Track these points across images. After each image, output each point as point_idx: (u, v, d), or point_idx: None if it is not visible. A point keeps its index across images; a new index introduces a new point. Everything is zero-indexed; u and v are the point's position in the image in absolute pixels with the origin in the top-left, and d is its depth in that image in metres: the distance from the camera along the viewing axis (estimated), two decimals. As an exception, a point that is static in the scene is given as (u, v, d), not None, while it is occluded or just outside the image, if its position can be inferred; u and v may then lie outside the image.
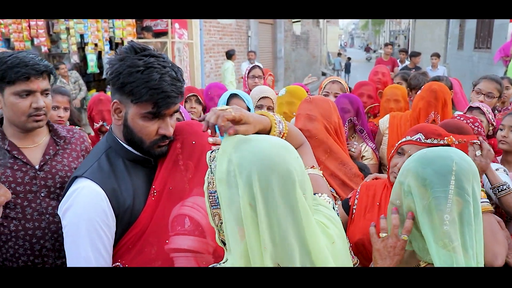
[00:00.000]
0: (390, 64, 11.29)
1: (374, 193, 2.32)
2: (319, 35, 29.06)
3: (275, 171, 1.20)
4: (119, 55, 1.68)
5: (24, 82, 1.97)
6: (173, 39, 9.55)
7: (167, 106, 1.67)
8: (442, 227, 1.46)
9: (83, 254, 1.61)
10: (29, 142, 2.12)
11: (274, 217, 1.20)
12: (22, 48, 9.39)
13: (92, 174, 1.68)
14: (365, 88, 4.39)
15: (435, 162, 1.50)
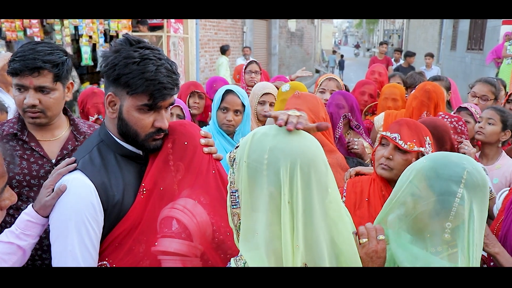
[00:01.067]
0: (385, 63, 11.35)
1: (362, 189, 2.33)
2: (313, 33, 29.08)
3: (314, 167, 1.26)
4: (114, 47, 1.66)
5: (15, 77, 1.97)
6: (168, 33, 9.51)
7: (163, 97, 1.65)
8: (443, 234, 1.46)
9: (69, 248, 1.58)
10: (48, 135, 2.10)
11: (309, 216, 1.24)
12: (14, 39, 9.29)
13: (82, 167, 1.66)
14: (367, 87, 4.43)
15: (447, 168, 1.48)
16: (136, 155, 1.77)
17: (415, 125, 2.24)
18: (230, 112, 2.96)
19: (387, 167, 2.20)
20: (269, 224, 1.25)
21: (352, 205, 2.28)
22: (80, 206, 1.60)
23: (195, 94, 4.03)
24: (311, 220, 1.24)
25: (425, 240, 1.50)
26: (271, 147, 1.27)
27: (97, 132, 1.80)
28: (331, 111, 3.37)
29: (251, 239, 1.28)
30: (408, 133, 2.18)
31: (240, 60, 11.66)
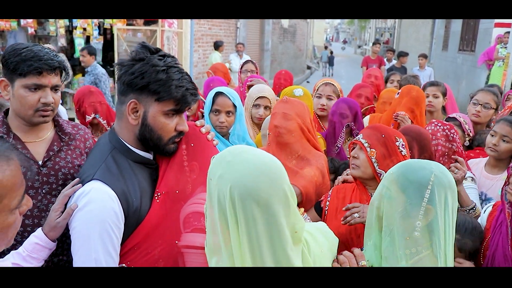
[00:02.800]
0: (377, 63, 11.43)
1: (344, 196, 2.48)
2: (306, 29, 29.08)
3: (256, 202, 1.24)
4: (137, 56, 1.72)
5: (35, 76, 1.94)
6: (163, 27, 9.48)
7: (189, 103, 1.77)
8: (414, 233, 1.54)
9: (94, 256, 1.63)
10: (33, 136, 2.06)
11: (256, 246, 1.25)
12: (8, 28, 9.20)
13: (102, 176, 1.70)
14: (364, 90, 4.49)
15: (416, 173, 1.58)
16: (147, 161, 1.84)
17: (379, 128, 2.43)
18: (222, 113, 2.99)
19: (354, 165, 2.39)
20: (227, 243, 1.28)
21: (334, 210, 2.46)
22: (104, 215, 1.65)
23: None
24: (260, 254, 1.24)
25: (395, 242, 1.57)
26: (220, 175, 1.28)
27: (107, 140, 1.83)
28: (335, 120, 3.42)
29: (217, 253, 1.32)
30: (368, 133, 2.39)
31: (233, 56, 11.63)
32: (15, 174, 1.19)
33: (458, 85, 14.03)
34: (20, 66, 1.92)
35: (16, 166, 1.20)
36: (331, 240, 1.59)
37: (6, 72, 1.97)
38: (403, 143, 2.35)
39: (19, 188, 1.22)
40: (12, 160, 1.19)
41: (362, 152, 2.35)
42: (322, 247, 1.49)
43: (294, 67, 23.08)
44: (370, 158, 2.31)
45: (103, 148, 1.81)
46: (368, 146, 2.33)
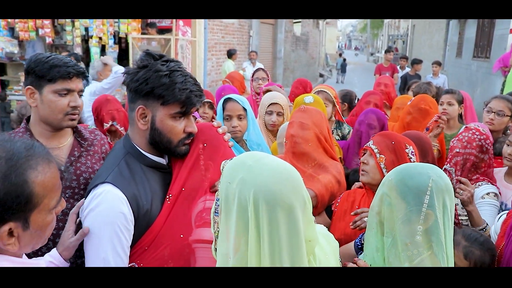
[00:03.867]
0: (390, 70, 11.35)
1: (354, 199, 2.54)
2: (318, 37, 29.13)
3: (280, 206, 1.24)
4: (141, 63, 1.79)
5: (66, 81, 2.04)
6: (176, 36, 9.55)
7: (194, 104, 1.81)
8: (415, 237, 1.57)
9: (102, 255, 1.69)
10: (55, 142, 2.13)
11: (277, 251, 1.25)
12: (27, 38, 9.37)
13: (114, 179, 1.75)
14: (373, 97, 4.51)
15: (413, 178, 1.62)
16: (160, 165, 1.89)
17: (389, 135, 2.46)
18: (234, 118, 3.04)
19: (364, 171, 2.42)
20: (238, 250, 1.28)
21: (343, 212, 2.52)
22: (113, 217, 1.70)
23: (205, 104, 4.08)
24: (279, 260, 1.25)
25: (398, 247, 1.61)
26: (242, 178, 1.28)
27: (121, 145, 1.90)
28: (362, 130, 3.43)
29: (225, 261, 1.32)
30: (378, 140, 2.41)
31: (246, 64, 11.67)
32: (55, 176, 1.26)
33: (473, 92, 13.90)
34: (49, 72, 2.01)
35: (55, 168, 1.26)
36: (333, 244, 1.60)
37: (33, 79, 2.04)
38: (412, 150, 2.37)
39: (57, 189, 1.28)
40: (52, 163, 1.25)
41: (372, 158, 2.39)
42: (326, 252, 1.50)
43: (307, 75, 23.08)
44: (379, 164, 2.34)
45: (118, 153, 1.87)
46: (378, 152, 2.36)
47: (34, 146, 1.24)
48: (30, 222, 1.20)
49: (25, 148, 1.21)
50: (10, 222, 1.16)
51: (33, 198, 1.18)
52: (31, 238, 1.24)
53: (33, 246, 1.29)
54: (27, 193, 1.16)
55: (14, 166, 1.15)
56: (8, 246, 1.18)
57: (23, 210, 1.17)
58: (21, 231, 1.20)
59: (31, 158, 1.20)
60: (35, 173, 1.19)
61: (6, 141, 1.20)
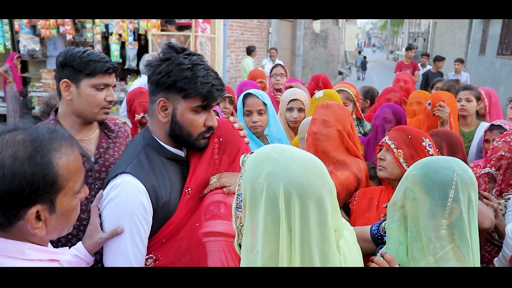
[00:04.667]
0: (411, 68, 11.23)
1: (372, 196, 2.51)
2: (337, 34, 28.96)
3: (310, 198, 1.23)
4: (163, 56, 1.78)
5: (104, 75, 2.08)
6: (196, 33, 9.56)
7: (215, 98, 1.81)
8: (440, 231, 1.57)
9: (122, 246, 1.70)
10: (83, 135, 2.17)
11: (306, 242, 1.23)
12: (48, 36, 9.48)
13: (133, 170, 1.75)
14: (393, 95, 4.42)
15: (438, 172, 1.61)
16: (179, 157, 1.89)
17: (404, 129, 2.46)
18: (254, 113, 3.04)
19: (381, 167, 2.41)
20: (267, 242, 1.26)
21: (362, 209, 2.49)
22: (133, 207, 1.70)
23: (226, 99, 4.06)
24: (309, 251, 1.24)
25: (422, 241, 1.61)
26: (269, 172, 1.26)
27: (141, 137, 1.90)
28: (377, 124, 3.38)
29: (250, 255, 1.31)
30: (394, 134, 2.41)
31: (266, 61, 11.65)
32: (78, 159, 1.28)
33: (496, 90, 13.61)
34: (89, 66, 2.05)
35: (77, 152, 1.28)
36: (351, 231, 1.57)
37: (70, 73, 2.07)
38: (429, 143, 2.35)
39: (81, 173, 1.30)
40: (74, 147, 1.27)
41: (389, 153, 2.38)
42: (348, 242, 1.47)
43: (326, 72, 22.91)
44: (398, 158, 2.33)
45: (137, 145, 1.87)
46: (395, 147, 2.35)
47: (57, 129, 1.26)
48: (56, 205, 1.21)
49: (48, 131, 1.22)
50: (37, 204, 1.17)
51: (58, 180, 1.19)
52: (58, 223, 1.25)
53: (59, 232, 1.29)
54: (53, 173, 1.18)
55: (38, 147, 1.17)
56: (36, 230, 1.19)
57: (49, 191, 1.18)
58: (47, 214, 1.20)
59: (55, 140, 1.21)
60: (59, 155, 1.20)
61: (30, 127, 1.22)
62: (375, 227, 2.14)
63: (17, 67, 9.96)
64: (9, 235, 1.20)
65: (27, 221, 1.17)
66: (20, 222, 1.18)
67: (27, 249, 1.21)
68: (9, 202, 1.13)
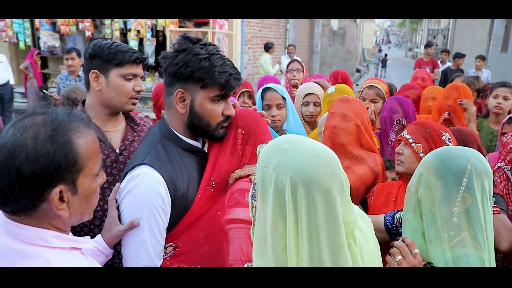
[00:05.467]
0: (431, 65, 11.08)
1: (389, 191, 2.51)
2: (355, 31, 28.76)
3: (317, 190, 1.22)
4: (179, 47, 1.78)
5: (132, 65, 2.12)
6: (214, 29, 9.56)
7: (233, 87, 1.82)
8: (452, 218, 1.62)
9: (141, 237, 1.71)
10: (110, 126, 2.20)
11: (314, 234, 1.23)
12: (68, 32, 9.58)
13: (151, 161, 1.75)
14: (411, 92, 4.38)
15: (453, 161, 1.65)
16: (196, 148, 1.90)
17: (423, 124, 2.45)
18: (273, 107, 3.05)
19: (399, 161, 2.41)
20: (275, 234, 1.26)
21: (379, 205, 2.50)
22: (151, 198, 1.71)
23: (245, 93, 4.07)
24: (318, 243, 1.23)
25: (438, 225, 1.65)
26: (278, 162, 1.26)
27: (157, 128, 1.90)
28: (385, 116, 3.36)
29: (262, 245, 1.31)
30: (413, 129, 2.40)
31: (284, 58, 11.59)
32: (96, 140, 1.29)
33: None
34: (118, 56, 2.08)
35: (94, 133, 1.29)
36: (369, 223, 1.56)
37: (99, 63, 2.10)
38: (449, 137, 2.34)
39: (99, 154, 1.31)
40: (91, 129, 1.28)
41: (407, 147, 2.37)
42: (365, 234, 1.46)
43: (344, 69, 22.82)
44: (417, 153, 2.30)
45: (154, 136, 1.88)
46: (413, 141, 2.34)
47: (74, 111, 1.28)
48: (78, 186, 1.23)
49: (66, 113, 1.24)
50: (60, 184, 1.18)
51: (79, 160, 1.21)
52: (80, 205, 1.26)
53: (81, 216, 1.30)
54: (74, 152, 1.19)
55: (58, 127, 1.18)
56: (60, 211, 1.20)
57: (71, 170, 1.19)
58: (70, 195, 1.21)
59: (73, 121, 1.23)
60: (77, 135, 1.22)
61: (48, 110, 1.24)
62: (389, 217, 2.14)
63: (37, 64, 10.09)
64: (33, 220, 1.21)
65: (51, 201, 1.18)
66: (44, 204, 1.19)
67: (49, 237, 1.22)
68: (33, 182, 1.14)
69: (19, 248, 1.19)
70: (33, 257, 1.18)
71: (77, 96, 3.90)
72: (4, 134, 1.17)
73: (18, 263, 1.17)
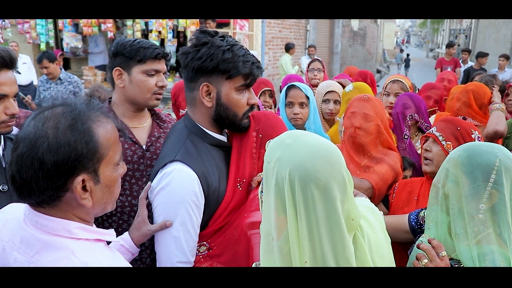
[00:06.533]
0: (452, 65, 10.96)
1: (412, 189, 2.48)
2: (376, 32, 28.56)
3: (315, 185, 1.21)
4: (200, 41, 1.78)
5: (154, 61, 2.13)
6: (234, 30, 9.61)
7: (257, 75, 1.84)
8: (478, 215, 1.60)
9: (175, 234, 1.72)
10: (136, 123, 2.23)
11: (315, 229, 1.22)
12: (90, 33, 9.70)
13: (183, 158, 1.76)
14: (433, 92, 4.28)
15: (481, 157, 1.63)
16: (222, 143, 1.91)
17: (453, 121, 2.41)
18: (296, 105, 3.05)
19: (427, 160, 2.38)
20: (279, 228, 1.26)
21: (401, 203, 2.47)
22: (184, 195, 1.72)
23: (266, 92, 4.08)
24: (319, 239, 1.22)
25: (464, 220, 1.63)
26: (279, 157, 1.27)
27: (183, 125, 1.90)
28: (397, 111, 3.32)
29: (268, 241, 1.31)
30: (443, 126, 2.37)
31: (304, 59, 11.58)
32: (114, 129, 1.30)
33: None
34: (139, 53, 2.10)
35: (113, 123, 1.30)
36: (379, 216, 1.55)
37: (122, 61, 2.13)
38: (478, 135, 2.31)
39: (119, 144, 1.32)
40: (109, 118, 1.29)
41: (436, 144, 2.34)
42: (373, 227, 1.45)
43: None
44: (448, 151, 2.27)
45: (181, 133, 1.88)
46: (443, 139, 2.31)
47: (92, 102, 1.29)
48: (100, 175, 1.24)
49: (84, 103, 1.26)
50: (82, 173, 1.19)
51: (99, 148, 1.22)
52: (102, 195, 1.27)
53: (104, 206, 1.30)
54: (94, 140, 1.20)
55: (77, 116, 1.20)
56: (84, 200, 1.21)
57: (92, 159, 1.20)
58: (92, 184, 1.22)
59: (91, 111, 1.25)
60: (97, 123, 1.23)
61: (66, 102, 1.25)
62: (413, 216, 2.11)
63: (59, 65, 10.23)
64: (57, 211, 1.23)
65: (74, 190, 1.19)
66: (68, 194, 1.20)
67: (74, 228, 1.23)
68: (56, 171, 1.15)
69: (45, 239, 1.20)
70: (58, 247, 1.19)
71: (100, 95, 3.96)
72: (26, 126, 1.20)
73: (44, 253, 1.19)
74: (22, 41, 10.65)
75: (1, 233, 1.28)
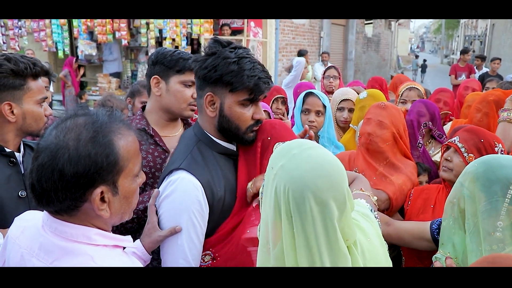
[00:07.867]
0: (467, 71, 10.86)
1: (428, 197, 2.44)
2: (390, 38, 28.46)
3: (314, 201, 1.19)
4: (209, 50, 1.78)
5: (192, 73, 2.12)
6: (248, 37, 9.64)
7: (262, 91, 1.79)
8: (495, 233, 1.52)
9: (179, 242, 1.71)
10: (168, 131, 2.26)
11: (314, 241, 1.20)
12: (104, 41, 9.79)
13: (188, 166, 1.76)
14: (443, 95, 4.30)
15: (497, 171, 1.55)
16: (230, 152, 1.90)
17: (477, 132, 2.33)
18: (312, 113, 3.07)
19: (446, 168, 2.33)
20: (276, 236, 1.25)
21: (417, 210, 2.43)
22: (189, 203, 1.72)
23: (278, 99, 4.08)
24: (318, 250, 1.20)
25: (480, 237, 1.56)
26: (282, 165, 1.25)
27: (192, 133, 1.91)
28: (412, 119, 3.28)
29: (264, 249, 1.30)
30: (466, 137, 2.30)
31: (318, 65, 11.55)
32: (136, 141, 1.30)
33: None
34: (179, 63, 2.15)
35: (134, 135, 1.31)
36: (374, 222, 1.51)
37: (160, 70, 2.17)
38: (502, 148, 2.24)
39: (139, 155, 1.32)
40: (131, 130, 1.30)
41: (457, 155, 2.29)
42: (367, 234, 1.42)
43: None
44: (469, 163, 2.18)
45: (189, 141, 1.88)
46: (466, 151, 2.25)
47: (114, 113, 1.30)
48: (118, 186, 1.24)
49: (107, 114, 1.27)
50: (101, 185, 1.20)
51: (119, 160, 1.22)
52: (120, 206, 1.28)
53: (121, 216, 1.32)
54: (115, 153, 1.21)
55: (99, 128, 1.20)
56: (102, 211, 1.22)
57: (112, 171, 1.21)
58: (111, 196, 1.23)
59: (113, 122, 1.25)
60: (118, 136, 1.24)
61: (88, 112, 1.26)
62: (435, 225, 2.05)
63: (76, 72, 10.36)
64: (75, 220, 1.24)
65: (93, 202, 1.20)
66: (86, 205, 1.21)
67: (93, 235, 1.24)
68: (75, 182, 1.16)
69: (64, 245, 1.21)
70: (77, 254, 1.20)
71: (112, 105, 3.98)
72: (47, 135, 1.20)
73: (63, 259, 1.20)
74: (38, 49, 10.81)
75: (20, 240, 1.29)
